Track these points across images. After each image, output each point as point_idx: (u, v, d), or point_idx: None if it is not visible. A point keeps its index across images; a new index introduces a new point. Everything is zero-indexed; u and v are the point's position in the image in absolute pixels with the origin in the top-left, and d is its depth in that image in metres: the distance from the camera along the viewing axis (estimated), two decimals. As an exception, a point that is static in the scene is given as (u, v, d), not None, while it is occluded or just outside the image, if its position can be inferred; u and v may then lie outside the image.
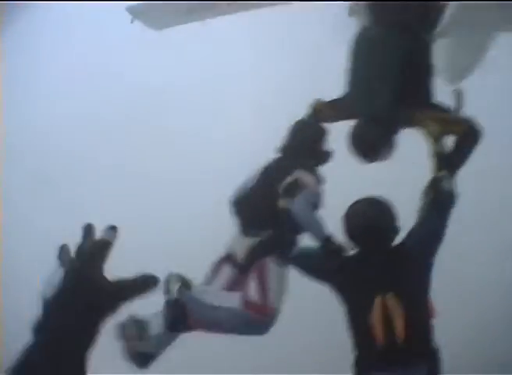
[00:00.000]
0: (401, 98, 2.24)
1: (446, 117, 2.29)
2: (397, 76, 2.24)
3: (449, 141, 2.32)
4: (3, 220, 5.74)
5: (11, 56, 6.54)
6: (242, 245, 2.36)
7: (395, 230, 2.04)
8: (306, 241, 2.34)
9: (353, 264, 2.05)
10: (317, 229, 2.20)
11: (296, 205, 2.20)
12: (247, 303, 2.20)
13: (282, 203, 2.24)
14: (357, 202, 2.07)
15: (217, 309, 2.17)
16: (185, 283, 2.18)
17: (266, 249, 2.32)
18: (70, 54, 6.85)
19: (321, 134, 2.54)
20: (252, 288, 2.28)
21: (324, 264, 2.10)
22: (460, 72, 3.54)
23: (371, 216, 1.99)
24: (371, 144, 2.33)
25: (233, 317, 2.19)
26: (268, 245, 2.32)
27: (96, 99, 6.58)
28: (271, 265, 2.30)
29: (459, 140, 2.27)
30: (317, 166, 2.51)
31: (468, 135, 2.26)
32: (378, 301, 1.85)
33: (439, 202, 2.10)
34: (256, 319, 2.18)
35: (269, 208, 2.30)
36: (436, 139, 2.27)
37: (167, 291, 2.14)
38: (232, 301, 2.22)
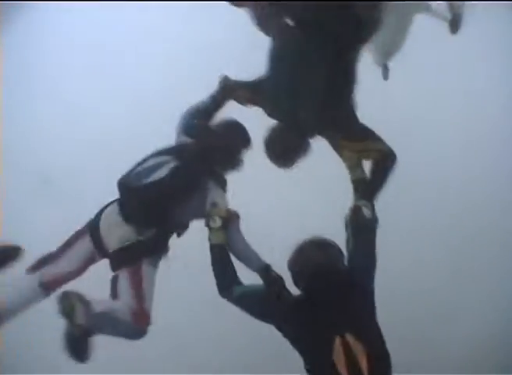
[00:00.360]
0: (324, 115, 2.17)
1: (362, 145, 2.24)
2: (323, 90, 2.12)
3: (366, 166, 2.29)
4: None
5: (11, 56, 6.56)
6: (117, 233, 2.16)
7: (342, 269, 2.00)
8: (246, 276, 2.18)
9: (303, 305, 1.92)
10: (254, 259, 2.15)
11: (232, 238, 2.12)
12: (133, 314, 2.07)
13: (214, 239, 2.12)
14: (302, 248, 2.01)
15: (102, 317, 2.03)
16: (84, 302, 1.95)
17: (144, 250, 2.14)
18: (70, 53, 6.82)
19: (247, 141, 2.38)
20: (125, 291, 2.12)
21: (272, 305, 1.97)
22: (386, 51, 3.61)
23: (324, 258, 1.94)
24: (288, 150, 2.26)
25: (115, 325, 2.07)
26: (147, 247, 2.15)
27: (96, 99, 6.49)
28: (144, 266, 2.15)
29: (376, 166, 2.26)
30: (226, 172, 2.37)
31: (385, 161, 2.24)
32: (338, 341, 1.75)
33: (361, 231, 2.09)
34: (135, 327, 2.07)
35: (161, 208, 2.15)
36: (353, 167, 2.30)
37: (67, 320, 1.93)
38: (118, 310, 2.08)
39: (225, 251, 2.11)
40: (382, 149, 2.23)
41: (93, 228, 2.24)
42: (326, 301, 1.87)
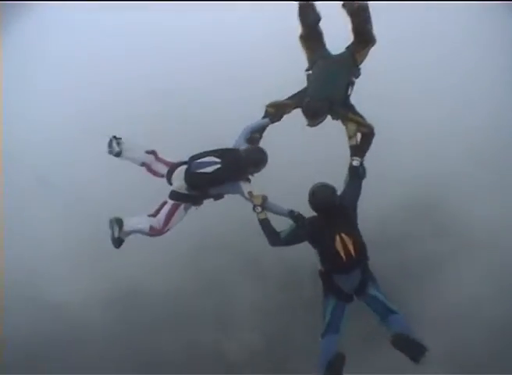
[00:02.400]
0: (340, 98, 3.60)
1: (359, 120, 3.59)
2: (342, 87, 3.61)
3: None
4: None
5: (11, 56, 6.56)
6: (179, 182, 3.65)
7: (337, 200, 3.34)
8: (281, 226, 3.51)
9: (317, 223, 3.35)
10: (282, 211, 3.52)
11: (271, 207, 3.53)
12: (151, 227, 3.64)
13: (261, 217, 3.48)
14: (315, 188, 3.37)
15: (131, 232, 3.64)
16: (119, 224, 3.55)
17: (188, 199, 3.67)
18: (70, 53, 6.83)
19: (265, 162, 3.66)
20: (161, 214, 3.65)
21: (300, 232, 3.39)
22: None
23: (325, 196, 3.31)
24: (316, 112, 3.58)
25: (137, 232, 3.66)
26: (189, 198, 3.67)
27: (96, 97, 6.54)
28: (181, 207, 3.67)
29: (364, 137, 3.60)
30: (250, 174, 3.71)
31: (369, 134, 3.58)
32: (338, 238, 3.24)
33: (354, 175, 3.50)
34: (150, 233, 3.64)
35: (204, 186, 3.63)
36: (351, 136, 3.59)
37: (111, 232, 3.57)
38: (144, 224, 3.63)
39: (267, 221, 3.46)
40: (369, 125, 3.58)
41: (170, 171, 3.74)
42: (329, 217, 3.29)
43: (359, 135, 3.60)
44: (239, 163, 3.56)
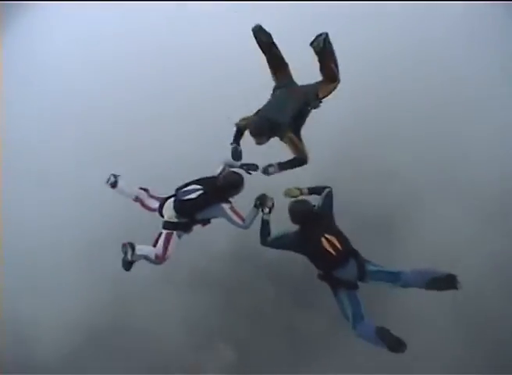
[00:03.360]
0: (284, 123, 3.84)
1: (296, 144, 3.85)
2: (289, 113, 3.85)
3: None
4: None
5: (12, 56, 6.59)
6: (170, 213, 4.06)
7: (312, 209, 3.77)
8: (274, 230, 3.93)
9: (301, 234, 3.73)
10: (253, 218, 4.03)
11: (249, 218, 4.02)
12: (156, 255, 4.01)
13: (265, 217, 3.95)
14: (290, 205, 3.77)
15: (141, 256, 3.98)
16: (132, 248, 3.86)
17: (179, 226, 4.06)
18: (70, 52, 6.86)
19: (242, 186, 4.00)
20: (159, 244, 4.04)
21: (286, 240, 3.79)
22: None
23: (301, 210, 3.73)
24: (257, 131, 3.81)
25: (146, 259, 4.02)
26: (180, 226, 4.06)
27: (96, 97, 6.59)
28: (174, 235, 4.06)
29: (293, 160, 3.91)
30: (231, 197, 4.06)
31: (299, 160, 3.90)
32: (323, 239, 3.65)
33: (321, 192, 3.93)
34: (156, 261, 4.03)
35: (190, 212, 4.01)
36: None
37: (124, 255, 3.87)
38: (150, 252, 4.01)
39: (268, 222, 3.91)
40: (303, 153, 3.92)
41: (161, 205, 4.13)
42: (311, 225, 3.70)
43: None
44: (218, 188, 3.95)
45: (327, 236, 3.64)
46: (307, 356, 5.23)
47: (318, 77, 3.96)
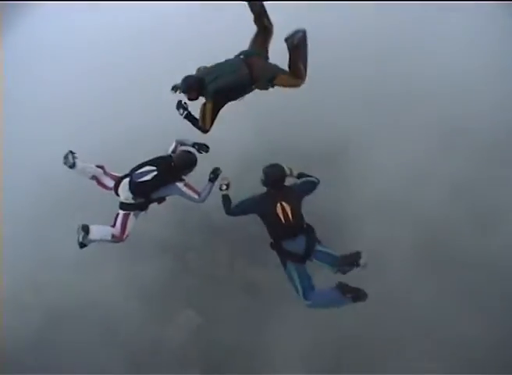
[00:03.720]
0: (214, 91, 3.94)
1: (204, 115, 3.97)
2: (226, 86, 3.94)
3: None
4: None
5: (12, 55, 6.65)
6: (125, 194, 4.16)
7: (284, 178, 4.06)
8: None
9: (264, 196, 4.03)
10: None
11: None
12: (113, 235, 4.15)
13: (224, 193, 4.17)
14: (265, 168, 4.02)
15: (94, 241, 4.17)
16: (86, 231, 4.07)
17: (135, 207, 4.19)
18: (71, 54, 6.89)
19: (195, 164, 4.19)
20: (117, 224, 4.18)
21: (246, 206, 4.09)
22: None
23: (274, 173, 4.01)
24: (187, 87, 3.98)
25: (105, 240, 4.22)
26: (136, 206, 4.19)
27: (96, 99, 6.58)
28: (131, 215, 4.19)
29: (197, 121, 4.06)
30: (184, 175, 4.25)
31: (198, 125, 4.05)
32: (278, 205, 3.91)
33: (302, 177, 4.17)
34: (114, 240, 4.19)
35: (146, 192, 4.14)
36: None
37: (78, 237, 4.07)
38: (106, 234, 4.16)
39: (227, 196, 4.17)
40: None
41: (116, 184, 4.23)
42: (275, 189, 3.98)
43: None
44: (172, 168, 4.12)
45: (283, 203, 3.90)
46: (267, 311, 5.32)
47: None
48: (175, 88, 4.12)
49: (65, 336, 5.25)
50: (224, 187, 4.13)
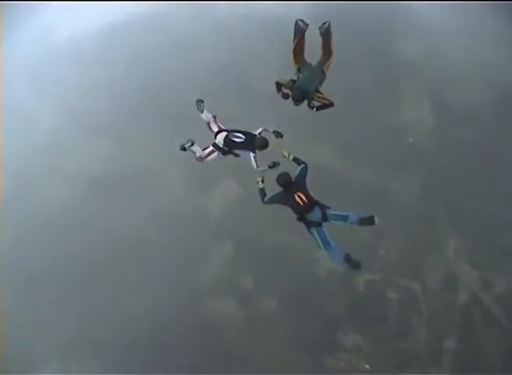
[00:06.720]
0: (312, 91, 5.68)
1: (321, 96, 5.65)
2: (313, 85, 5.69)
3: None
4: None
5: (12, 55, 6.59)
6: (220, 143, 6.08)
7: (291, 179, 5.65)
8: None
9: (284, 192, 5.64)
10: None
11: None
12: (199, 156, 6.14)
13: (260, 187, 5.89)
14: (277, 176, 5.61)
15: (192, 151, 6.15)
16: (192, 143, 5.95)
17: (220, 150, 6.10)
18: (71, 53, 6.88)
19: (267, 145, 5.94)
20: (205, 152, 6.10)
21: (276, 198, 5.67)
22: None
23: (284, 179, 5.59)
24: (297, 98, 5.65)
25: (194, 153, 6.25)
26: (222, 149, 6.09)
27: (96, 96, 6.63)
28: (216, 153, 6.16)
29: (323, 105, 5.75)
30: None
31: (328, 104, 5.70)
32: (295, 195, 5.58)
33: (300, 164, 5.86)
34: (197, 159, 6.20)
35: (235, 147, 6.05)
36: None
37: (182, 144, 5.99)
38: (198, 152, 6.12)
39: (263, 190, 5.81)
40: (329, 100, 5.69)
41: (217, 132, 6.20)
42: (289, 187, 5.64)
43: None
44: (253, 143, 5.97)
45: (298, 193, 5.58)
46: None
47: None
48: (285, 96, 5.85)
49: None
50: (260, 182, 5.80)
